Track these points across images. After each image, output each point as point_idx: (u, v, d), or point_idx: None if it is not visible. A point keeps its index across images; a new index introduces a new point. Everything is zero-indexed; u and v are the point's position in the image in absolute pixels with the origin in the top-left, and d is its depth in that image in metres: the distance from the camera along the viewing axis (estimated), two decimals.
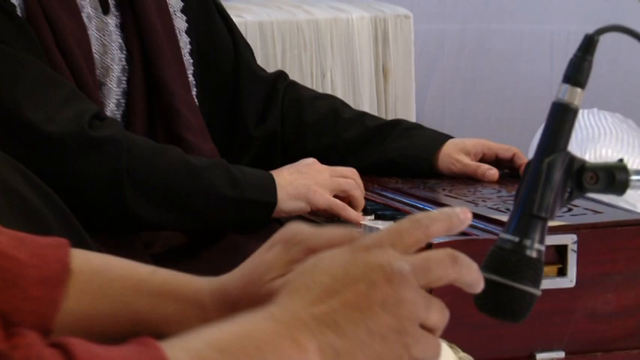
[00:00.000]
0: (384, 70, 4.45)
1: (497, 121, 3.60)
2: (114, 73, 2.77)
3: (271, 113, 3.02)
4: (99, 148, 2.58)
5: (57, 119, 2.57)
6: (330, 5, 4.62)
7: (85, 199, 2.52)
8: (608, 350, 2.54)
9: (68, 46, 2.66)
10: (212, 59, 3.00)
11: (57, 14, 2.65)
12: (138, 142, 2.64)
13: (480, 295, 1.43)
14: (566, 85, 1.49)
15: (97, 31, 2.74)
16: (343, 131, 2.98)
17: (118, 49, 2.78)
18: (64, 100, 2.60)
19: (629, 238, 2.57)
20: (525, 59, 5.34)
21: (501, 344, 2.33)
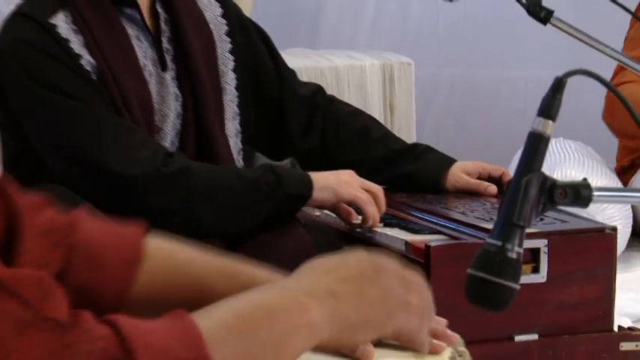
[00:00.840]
0: (390, 106, 4.45)
1: (482, 148, 3.61)
2: (169, 118, 2.75)
3: (314, 128, 2.98)
4: (173, 181, 2.57)
5: (135, 163, 2.55)
6: (347, 54, 4.64)
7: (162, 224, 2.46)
8: (573, 334, 2.54)
9: (131, 100, 2.64)
10: (258, 87, 2.95)
11: (123, 76, 2.64)
12: (201, 168, 2.64)
13: (470, 288, 1.45)
14: (540, 119, 1.48)
15: (156, 85, 2.73)
16: (371, 150, 2.96)
17: (174, 98, 2.76)
18: (138, 145, 2.59)
19: (590, 242, 2.58)
20: (504, 98, 5.31)
21: (486, 328, 2.35)
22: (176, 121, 2.77)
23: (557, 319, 2.55)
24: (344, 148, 2.97)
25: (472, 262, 1.46)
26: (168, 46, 2.77)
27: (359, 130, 3.00)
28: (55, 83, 2.59)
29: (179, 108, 2.77)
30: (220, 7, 2.92)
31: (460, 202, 2.84)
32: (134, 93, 2.66)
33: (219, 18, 2.91)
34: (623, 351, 2.56)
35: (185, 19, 2.79)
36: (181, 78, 2.77)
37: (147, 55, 2.73)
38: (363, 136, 2.99)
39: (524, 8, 2.47)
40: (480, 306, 1.46)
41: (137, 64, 2.69)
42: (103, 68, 2.62)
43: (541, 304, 2.53)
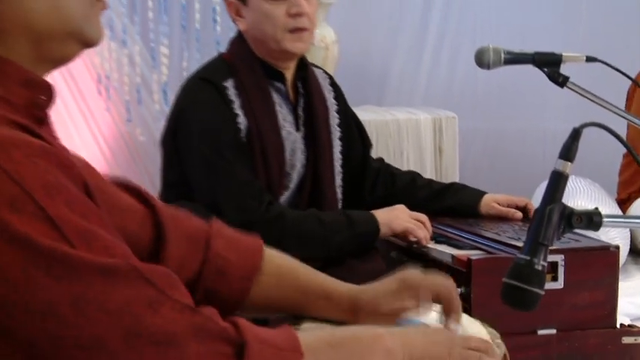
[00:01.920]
0: (439, 150, 4.44)
1: (510, 183, 3.61)
2: (296, 167, 2.81)
3: (378, 185, 3.05)
4: (271, 224, 2.61)
5: (245, 211, 2.60)
6: (406, 110, 4.62)
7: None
8: (584, 329, 2.53)
9: (270, 152, 2.72)
10: (348, 154, 3.00)
11: (267, 133, 2.72)
12: (292, 214, 2.70)
13: (505, 293, 1.47)
14: (561, 160, 1.49)
15: (290, 142, 2.79)
16: (418, 193, 3.02)
17: (300, 152, 2.82)
18: (250, 196, 2.64)
19: (598, 257, 2.56)
20: (527, 145, 5.27)
21: (516, 324, 2.33)
22: (300, 170, 2.83)
23: (571, 317, 2.53)
24: (399, 195, 3.00)
25: (506, 272, 1.48)
26: (301, 113, 2.84)
27: (408, 181, 3.07)
28: (212, 136, 2.67)
29: (303, 160, 2.84)
30: (333, 91, 3.02)
31: (494, 225, 2.83)
32: (273, 146, 2.72)
33: (332, 99, 2.99)
34: (624, 344, 2.55)
35: (314, 96, 2.87)
36: (308, 138, 2.84)
37: (285, 118, 2.80)
38: (412, 185, 3.05)
39: (545, 75, 2.46)
40: (513, 307, 1.48)
41: (278, 125, 2.76)
42: (251, 125, 2.69)
43: (559, 306, 2.51)
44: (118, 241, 1.17)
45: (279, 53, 2.75)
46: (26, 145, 1.11)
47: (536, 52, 2.47)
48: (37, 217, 1.08)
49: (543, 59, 2.46)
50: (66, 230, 1.09)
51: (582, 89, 2.43)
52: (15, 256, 1.06)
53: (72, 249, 1.09)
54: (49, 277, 1.07)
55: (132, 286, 1.11)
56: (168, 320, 1.12)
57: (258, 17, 2.72)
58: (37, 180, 1.09)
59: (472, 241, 2.63)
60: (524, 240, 1.52)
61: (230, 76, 2.72)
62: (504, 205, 2.95)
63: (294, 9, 2.70)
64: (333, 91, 3.01)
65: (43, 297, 1.07)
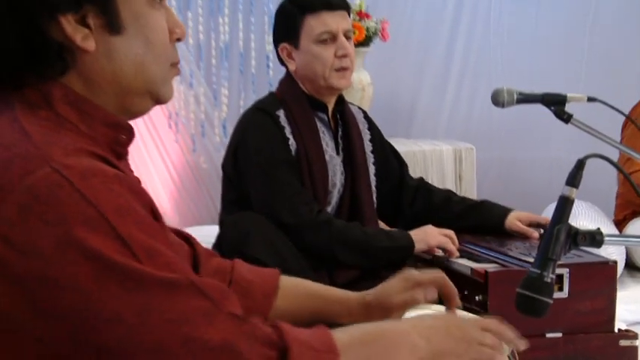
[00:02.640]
0: (459, 177, 4.43)
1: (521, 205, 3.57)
2: (336, 186, 2.83)
3: (417, 199, 3.03)
4: (320, 228, 2.65)
5: (297, 215, 2.64)
6: (431, 142, 4.62)
7: (312, 251, 2.62)
8: (587, 333, 2.52)
9: (315, 172, 2.75)
10: (386, 176, 3.02)
11: (313, 156, 2.76)
12: (339, 222, 2.72)
13: (518, 302, 1.47)
14: (567, 187, 1.49)
15: (332, 164, 2.81)
16: (453, 209, 2.99)
17: (340, 173, 2.84)
18: (301, 203, 2.67)
19: (598, 270, 2.55)
20: (536, 173, 5.25)
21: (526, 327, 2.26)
22: (340, 188, 2.85)
23: (575, 322, 2.52)
24: (435, 211, 2.99)
25: (517, 282, 1.48)
26: (340, 140, 2.87)
27: (444, 197, 3.05)
28: (268, 154, 2.71)
29: (342, 180, 2.85)
30: (367, 123, 3.05)
31: (508, 241, 2.81)
32: (318, 166, 2.76)
33: (366, 129, 3.02)
34: (621, 346, 2.55)
35: (351, 126, 2.91)
36: (346, 162, 2.86)
37: (328, 143, 2.83)
38: (448, 201, 3.03)
39: (552, 113, 2.45)
40: (525, 314, 1.47)
41: (322, 149, 2.80)
42: (300, 148, 2.74)
43: (564, 312, 2.49)
44: (179, 258, 1.17)
45: (326, 89, 2.79)
46: (103, 173, 1.11)
47: (545, 93, 2.46)
48: (109, 235, 1.07)
49: (550, 99, 2.44)
50: (134, 247, 1.09)
51: (584, 125, 2.42)
52: (89, 270, 1.06)
53: (139, 264, 1.08)
54: (118, 289, 1.06)
55: (189, 298, 1.11)
56: (221, 328, 1.11)
57: (308, 58, 2.76)
58: (110, 203, 1.09)
59: (488, 255, 2.62)
60: (535, 255, 1.51)
61: (281, 107, 2.77)
62: (526, 223, 2.91)
63: (341, 51, 2.75)
64: (366, 123, 3.03)
65: (112, 306, 1.06)
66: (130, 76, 1.25)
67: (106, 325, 1.06)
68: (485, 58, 5.32)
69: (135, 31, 1.24)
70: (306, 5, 2.74)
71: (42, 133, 1.14)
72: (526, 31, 5.25)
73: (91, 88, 1.22)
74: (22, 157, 1.10)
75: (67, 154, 1.11)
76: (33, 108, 1.18)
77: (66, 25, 1.18)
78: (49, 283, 1.05)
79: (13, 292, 1.06)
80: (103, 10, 1.20)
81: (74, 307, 1.06)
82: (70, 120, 1.19)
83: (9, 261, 1.06)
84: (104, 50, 1.21)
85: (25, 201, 1.07)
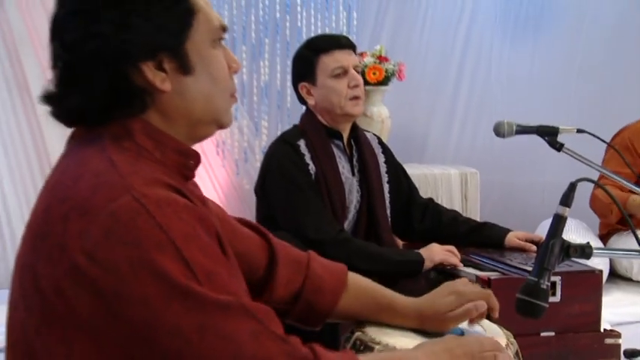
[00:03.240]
0: (465, 198, 4.39)
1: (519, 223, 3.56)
2: (353, 204, 2.81)
3: (425, 218, 3.00)
4: (341, 244, 2.62)
5: (321, 232, 2.62)
6: (440, 167, 4.59)
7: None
8: (576, 332, 2.49)
9: (333, 193, 2.73)
10: (397, 194, 2.97)
11: (330, 178, 2.74)
12: (356, 241, 2.69)
13: (518, 305, 1.46)
14: (560, 206, 1.48)
15: (348, 185, 2.79)
16: (460, 228, 2.96)
17: (356, 192, 2.81)
18: (324, 221, 2.65)
19: (586, 278, 2.53)
20: (531, 194, 5.22)
21: (524, 327, 2.27)
22: (356, 205, 2.82)
23: (566, 323, 2.50)
24: (444, 228, 2.96)
25: (517, 288, 1.47)
26: (355, 163, 2.85)
27: (452, 217, 3.01)
28: (291, 177, 2.69)
29: (359, 199, 2.82)
30: (381, 147, 3.02)
31: (508, 253, 2.79)
32: (335, 188, 2.74)
33: (380, 153, 2.99)
34: (606, 344, 2.52)
35: (365, 150, 2.88)
36: (361, 182, 2.83)
37: (344, 167, 2.81)
38: (455, 221, 3.00)
39: (546, 142, 2.45)
40: (524, 316, 1.47)
41: (338, 172, 2.78)
42: (319, 173, 2.72)
43: (557, 314, 2.47)
44: (235, 280, 1.17)
45: (342, 117, 2.80)
46: (175, 203, 1.12)
47: (539, 125, 2.46)
48: (175, 258, 1.08)
49: (544, 130, 2.45)
50: (197, 271, 1.09)
51: (573, 152, 2.41)
52: (157, 289, 1.07)
53: (199, 286, 1.09)
54: (180, 307, 1.07)
55: (240, 318, 1.11)
56: (266, 347, 1.11)
57: (325, 92, 2.77)
58: (179, 230, 1.10)
59: (491, 265, 2.60)
60: (532, 265, 1.50)
61: (302, 137, 2.77)
62: (523, 239, 2.89)
63: (353, 82, 2.77)
64: (380, 147, 3.01)
65: (174, 321, 1.07)
66: (199, 109, 1.26)
67: (168, 337, 1.07)
68: (487, 96, 5.32)
69: (202, 70, 1.25)
70: (320, 47, 2.78)
71: (125, 163, 1.16)
72: (522, 73, 5.25)
73: (166, 122, 1.24)
74: (109, 185, 1.12)
75: (145, 184, 1.12)
76: (117, 139, 1.20)
77: (146, 71, 1.20)
78: (123, 297, 1.07)
79: (94, 302, 1.08)
80: (176, 55, 1.22)
81: (143, 319, 1.07)
82: (147, 148, 1.21)
83: (92, 275, 1.08)
84: (178, 89, 1.23)
85: (109, 224, 1.08)
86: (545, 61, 5.20)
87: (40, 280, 1.12)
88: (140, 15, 1.18)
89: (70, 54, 1.18)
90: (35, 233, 1.16)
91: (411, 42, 5.44)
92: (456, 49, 5.35)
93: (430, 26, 5.43)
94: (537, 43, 5.21)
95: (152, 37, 1.19)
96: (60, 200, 1.13)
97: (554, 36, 5.15)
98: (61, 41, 1.19)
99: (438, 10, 5.42)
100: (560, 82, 5.16)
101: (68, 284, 1.09)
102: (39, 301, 1.12)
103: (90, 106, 1.19)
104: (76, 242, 1.08)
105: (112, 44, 1.17)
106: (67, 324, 1.10)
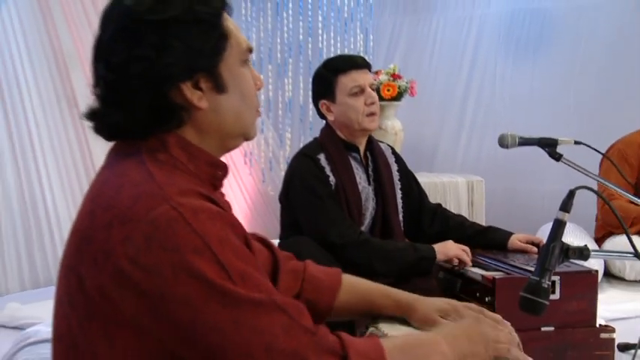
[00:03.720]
0: (471, 203, 4.38)
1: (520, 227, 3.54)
2: (369, 211, 2.77)
3: (435, 222, 2.97)
4: (361, 246, 2.59)
5: (342, 236, 2.60)
6: (449, 176, 4.58)
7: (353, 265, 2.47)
8: (574, 327, 2.43)
9: (351, 201, 2.70)
10: (408, 200, 2.94)
11: (348, 187, 2.71)
12: (375, 240, 2.66)
13: (522, 303, 1.44)
14: (560, 212, 1.47)
15: (364, 193, 2.76)
16: (466, 231, 2.92)
17: (371, 200, 2.78)
18: (345, 226, 2.62)
19: (583, 278, 2.47)
20: (531, 201, 5.18)
21: (526, 323, 2.24)
22: (372, 211, 2.78)
23: (564, 319, 2.43)
24: (452, 231, 2.92)
25: (519, 287, 1.46)
26: (371, 173, 2.82)
27: (459, 222, 2.97)
28: (313, 189, 2.66)
29: (374, 206, 2.79)
30: (394, 156, 2.98)
31: (511, 255, 2.74)
32: (353, 197, 2.71)
33: (393, 162, 2.95)
34: (602, 338, 2.46)
35: (379, 161, 2.85)
36: (377, 190, 2.80)
37: (360, 177, 2.78)
38: (461, 225, 2.95)
39: (546, 153, 2.43)
40: (527, 312, 1.45)
41: (356, 182, 2.74)
42: (338, 183, 2.69)
43: (556, 311, 2.41)
44: (264, 279, 1.16)
45: (360, 132, 2.77)
46: (209, 211, 1.12)
47: (540, 137, 2.43)
48: (211, 261, 1.08)
49: (545, 142, 2.42)
50: (231, 272, 1.09)
51: (571, 162, 2.38)
52: (196, 289, 1.07)
53: (234, 286, 1.09)
54: (218, 305, 1.08)
55: (272, 314, 1.11)
56: (296, 340, 1.11)
57: (344, 109, 2.74)
58: (214, 235, 1.10)
59: (496, 265, 2.57)
60: (534, 266, 1.48)
61: (321, 151, 2.74)
62: (524, 241, 2.84)
63: (369, 99, 2.75)
64: (394, 157, 2.98)
65: (213, 318, 1.08)
66: (230, 124, 1.27)
67: (208, 333, 1.07)
68: (492, 111, 5.30)
69: (234, 88, 1.26)
70: (338, 68, 2.76)
71: (162, 174, 1.16)
72: (523, 90, 5.23)
73: (199, 136, 1.24)
74: (148, 195, 1.12)
75: (181, 194, 1.13)
76: (154, 152, 1.20)
77: (185, 90, 1.20)
78: (166, 298, 1.07)
79: (139, 302, 1.08)
80: (211, 75, 1.22)
81: (184, 317, 1.08)
82: (182, 161, 1.21)
83: (136, 278, 1.08)
84: (213, 106, 1.23)
85: (149, 231, 1.08)
86: (544, 79, 5.17)
87: (84, 281, 1.12)
88: (180, 39, 1.18)
89: (114, 75, 1.18)
90: (80, 236, 1.16)
91: (422, 61, 5.44)
92: (463, 67, 5.34)
93: (439, 47, 5.43)
94: (537, 62, 5.18)
95: (191, 59, 1.19)
96: (104, 208, 1.13)
97: (552, 56, 5.12)
98: (105, 63, 1.19)
99: (446, 33, 5.42)
100: (559, 98, 5.13)
101: (112, 286, 1.09)
102: (82, 299, 1.13)
103: (131, 122, 1.20)
104: (120, 248, 1.09)
105: (154, 66, 1.17)
106: (109, 321, 1.11)
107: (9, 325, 3.35)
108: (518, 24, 5.22)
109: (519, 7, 5.21)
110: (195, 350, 1.08)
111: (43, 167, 4.14)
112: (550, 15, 5.12)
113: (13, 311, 3.44)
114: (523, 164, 5.04)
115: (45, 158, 4.15)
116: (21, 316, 3.39)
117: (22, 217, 4.07)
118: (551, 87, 5.16)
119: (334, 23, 5.20)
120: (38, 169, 4.12)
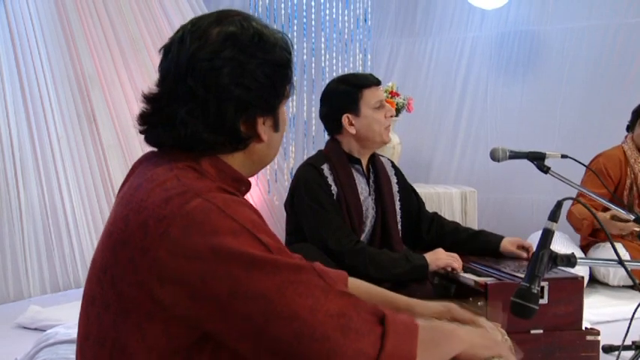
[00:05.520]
0: (465, 213, 4.37)
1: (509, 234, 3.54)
2: (369, 219, 2.76)
3: (432, 229, 2.96)
4: (358, 254, 2.59)
5: (341, 244, 2.60)
6: (443, 187, 4.57)
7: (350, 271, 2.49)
8: (562, 330, 2.44)
9: (352, 210, 2.70)
10: (408, 210, 2.95)
11: (350, 198, 2.71)
12: (371, 249, 2.65)
13: (513, 307, 1.43)
14: (549, 221, 1.46)
15: (365, 203, 2.76)
16: (461, 235, 2.92)
17: (372, 209, 2.78)
18: (343, 235, 2.62)
19: (570, 283, 2.47)
20: (521, 210, 5.16)
21: (516, 326, 2.24)
22: (372, 220, 2.78)
23: (552, 322, 2.44)
24: (447, 236, 2.92)
25: (510, 292, 1.45)
26: (372, 184, 2.81)
27: (453, 227, 2.97)
28: (316, 198, 2.66)
29: (374, 215, 2.78)
30: (394, 169, 2.98)
31: (502, 261, 2.74)
32: (354, 206, 2.71)
33: (393, 174, 2.94)
34: (587, 340, 2.47)
35: (380, 173, 2.85)
36: (377, 200, 2.80)
37: (362, 187, 2.77)
38: (456, 230, 2.96)
39: (535, 166, 2.43)
40: (517, 316, 1.45)
41: (357, 192, 2.74)
42: (340, 193, 2.69)
43: (544, 314, 2.42)
44: (296, 254, 1.19)
45: (377, 144, 2.80)
46: (238, 200, 1.15)
47: (529, 151, 2.44)
48: (249, 238, 1.10)
49: (533, 155, 2.42)
50: (269, 246, 1.11)
51: (558, 174, 2.38)
52: (237, 264, 1.07)
53: (272, 255, 1.10)
54: (260, 274, 1.08)
55: (311, 277, 1.12)
56: (335, 301, 1.12)
57: (368, 121, 2.74)
58: (247, 219, 1.12)
59: (488, 271, 2.56)
60: (524, 272, 1.49)
61: (326, 162, 2.74)
62: (515, 244, 2.85)
63: (389, 113, 2.78)
64: (393, 169, 2.98)
65: (257, 287, 1.07)
66: (271, 156, 1.33)
67: (252, 302, 1.07)
68: (484, 126, 5.30)
69: (281, 127, 1.32)
70: (361, 83, 2.76)
71: (189, 178, 1.18)
72: (513, 105, 5.22)
73: (245, 162, 1.28)
74: (179, 194, 1.13)
75: (209, 190, 1.15)
76: (183, 161, 1.22)
77: (259, 123, 1.25)
78: (207, 277, 1.07)
79: (177, 290, 1.08)
80: (274, 114, 1.28)
81: (227, 291, 1.07)
82: (210, 174, 1.22)
83: (175, 267, 1.08)
84: (269, 141, 1.28)
85: (186, 223, 1.09)
86: (532, 97, 5.17)
87: (119, 281, 1.13)
88: (275, 79, 1.24)
89: (210, 94, 1.20)
90: (115, 240, 1.16)
91: (418, 80, 5.45)
92: (456, 86, 5.35)
93: (435, 67, 5.44)
94: (526, 81, 5.19)
95: (272, 97, 1.25)
96: (137, 212, 1.14)
97: (540, 75, 5.13)
98: (203, 81, 1.20)
99: (441, 54, 5.43)
100: (546, 114, 5.13)
101: (151, 280, 1.09)
102: (116, 298, 1.13)
103: (207, 137, 1.21)
104: (157, 243, 1.09)
105: (251, 96, 1.21)
106: (144, 315, 1.11)
107: (30, 327, 3.36)
108: (508, 46, 5.23)
109: (509, 30, 5.22)
110: (238, 320, 1.08)
111: (64, 179, 4.17)
112: (538, 37, 5.13)
113: (35, 314, 3.45)
114: (513, 176, 5.03)
115: (65, 170, 4.19)
116: (41, 318, 3.39)
117: (44, 225, 4.10)
118: (538, 104, 5.16)
119: (336, 44, 5.21)
120: (59, 180, 4.16)
